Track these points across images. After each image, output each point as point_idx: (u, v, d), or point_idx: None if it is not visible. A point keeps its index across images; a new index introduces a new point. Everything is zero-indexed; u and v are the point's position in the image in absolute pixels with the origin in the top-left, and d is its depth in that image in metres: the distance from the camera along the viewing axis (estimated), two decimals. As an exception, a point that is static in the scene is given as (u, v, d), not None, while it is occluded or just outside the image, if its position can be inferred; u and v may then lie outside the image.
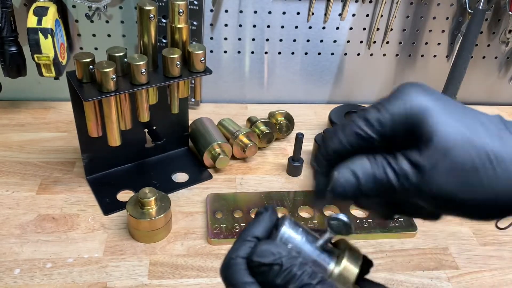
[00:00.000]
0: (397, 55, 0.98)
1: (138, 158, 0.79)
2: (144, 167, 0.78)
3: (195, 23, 0.87)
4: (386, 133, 0.31)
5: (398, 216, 0.36)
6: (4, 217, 0.67)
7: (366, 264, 0.36)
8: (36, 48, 0.73)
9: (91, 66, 0.62)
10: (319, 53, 0.96)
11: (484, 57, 0.99)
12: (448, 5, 0.91)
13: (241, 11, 0.89)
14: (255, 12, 0.89)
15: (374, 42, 0.95)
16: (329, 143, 0.33)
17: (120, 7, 0.85)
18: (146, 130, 0.77)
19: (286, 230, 0.33)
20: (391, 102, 0.31)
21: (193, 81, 0.76)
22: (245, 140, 0.79)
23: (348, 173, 0.31)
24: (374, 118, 0.31)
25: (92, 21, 0.86)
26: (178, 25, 0.67)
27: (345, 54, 0.96)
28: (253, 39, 0.92)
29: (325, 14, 0.90)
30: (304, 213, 0.70)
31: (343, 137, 0.32)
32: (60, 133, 0.85)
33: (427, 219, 0.36)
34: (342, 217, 0.32)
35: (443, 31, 0.95)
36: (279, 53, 0.94)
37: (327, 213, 0.71)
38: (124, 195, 0.72)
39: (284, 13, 0.90)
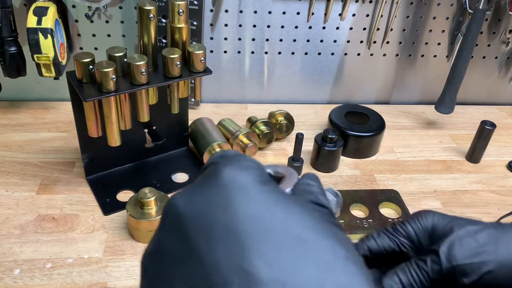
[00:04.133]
0: (397, 55, 0.98)
1: (138, 158, 0.79)
2: (144, 167, 0.78)
3: (195, 23, 0.87)
4: (412, 238, 0.38)
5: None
6: (4, 217, 0.66)
7: None
8: (36, 48, 0.73)
9: (91, 66, 0.62)
10: (319, 53, 0.96)
11: (484, 57, 0.99)
12: (448, 5, 0.91)
13: (241, 11, 0.89)
14: (255, 12, 0.89)
15: (374, 42, 0.95)
16: (366, 241, 0.39)
17: (120, 7, 0.85)
18: (146, 130, 0.77)
19: None
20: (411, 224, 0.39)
21: (193, 81, 0.76)
22: (245, 140, 0.79)
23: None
24: (401, 229, 0.38)
25: (92, 21, 0.86)
26: (178, 25, 0.66)
27: (345, 54, 0.96)
28: (253, 39, 0.92)
29: (325, 14, 0.90)
30: (304, 213, 0.70)
31: (378, 240, 0.39)
32: (60, 133, 0.85)
33: None
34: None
35: (443, 31, 0.95)
36: (279, 53, 0.94)
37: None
38: (124, 195, 0.72)
39: (284, 13, 0.89)
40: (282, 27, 0.91)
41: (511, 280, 0.34)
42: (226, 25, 0.90)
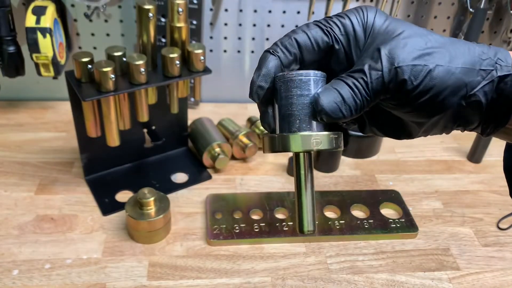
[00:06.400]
0: (397, 54, 0.97)
1: (137, 158, 0.78)
2: (143, 168, 0.78)
3: (194, 22, 0.87)
4: (349, 33, 0.33)
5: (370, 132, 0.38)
6: (2, 217, 0.66)
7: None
8: (34, 47, 0.72)
9: (89, 66, 0.62)
10: (320, 53, 0.95)
11: (485, 57, 0.99)
12: (449, 4, 0.91)
13: (241, 10, 0.88)
14: (255, 11, 0.88)
15: (375, 41, 0.94)
16: (293, 34, 0.33)
17: (119, 6, 0.85)
18: (145, 130, 0.77)
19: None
20: (348, 12, 0.34)
21: (192, 81, 0.75)
22: (245, 140, 0.79)
23: (334, 93, 0.31)
24: (336, 20, 0.33)
25: (91, 20, 0.85)
26: (178, 24, 0.66)
27: (346, 53, 0.96)
28: (253, 39, 0.92)
29: (326, 13, 0.90)
30: (304, 214, 0.70)
31: (308, 31, 0.33)
32: (59, 133, 0.85)
33: (400, 135, 0.36)
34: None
35: (444, 30, 0.94)
36: (279, 52, 0.94)
37: (328, 213, 0.71)
38: (123, 196, 0.71)
39: (284, 12, 0.89)
40: (282, 26, 0.91)
41: (448, 88, 0.30)
42: (226, 24, 0.89)
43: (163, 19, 0.85)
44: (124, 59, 0.64)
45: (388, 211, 0.72)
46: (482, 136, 0.34)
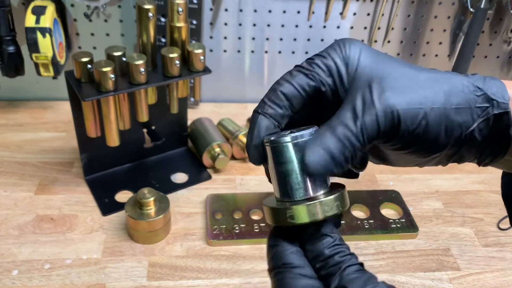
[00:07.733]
0: (398, 54, 0.97)
1: (137, 158, 0.78)
2: (143, 168, 0.78)
3: (194, 22, 0.87)
4: (334, 74, 0.32)
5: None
6: (2, 217, 0.66)
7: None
8: (34, 47, 0.72)
9: (89, 66, 0.62)
10: (320, 52, 0.95)
11: (486, 57, 0.99)
12: (449, 4, 0.91)
13: (241, 10, 0.88)
14: (255, 11, 0.88)
15: (375, 41, 0.94)
16: (278, 86, 0.32)
17: (119, 6, 0.85)
18: (145, 130, 0.77)
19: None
20: (331, 50, 0.32)
21: (192, 81, 0.75)
22: (245, 140, 0.79)
23: (320, 152, 0.29)
24: (319, 62, 0.32)
25: (90, 20, 0.85)
26: (178, 24, 0.66)
27: (346, 53, 0.96)
28: (253, 38, 0.92)
29: (326, 13, 0.90)
30: (304, 214, 0.70)
31: (293, 80, 0.32)
32: (59, 133, 0.85)
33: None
34: None
35: (444, 30, 0.94)
36: (279, 52, 0.94)
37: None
38: (122, 196, 0.71)
39: (284, 12, 0.89)
40: (282, 26, 0.91)
41: (443, 130, 0.29)
42: (226, 24, 0.89)
43: (163, 19, 0.85)
44: (124, 59, 0.64)
45: (388, 211, 0.72)
46: (479, 166, 0.34)
